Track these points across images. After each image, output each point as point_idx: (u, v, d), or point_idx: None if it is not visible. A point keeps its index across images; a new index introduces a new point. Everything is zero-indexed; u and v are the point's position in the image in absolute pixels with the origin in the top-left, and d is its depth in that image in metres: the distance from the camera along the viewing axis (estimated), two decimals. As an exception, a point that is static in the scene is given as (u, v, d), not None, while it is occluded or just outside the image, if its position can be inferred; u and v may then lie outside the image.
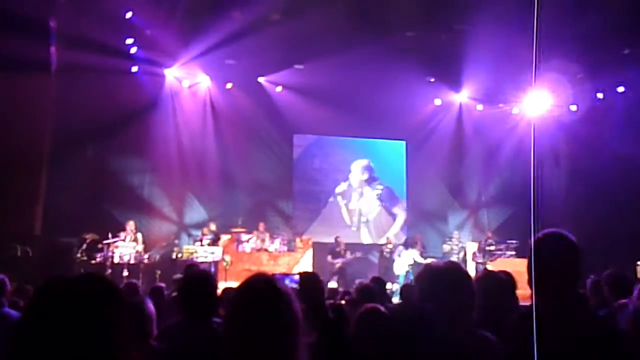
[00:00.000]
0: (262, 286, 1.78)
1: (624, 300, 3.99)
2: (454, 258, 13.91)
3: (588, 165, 14.71)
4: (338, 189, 16.21)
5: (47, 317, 1.35)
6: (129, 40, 13.18)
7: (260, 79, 15.11)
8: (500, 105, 16.40)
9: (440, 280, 2.29)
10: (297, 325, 1.74)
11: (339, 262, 13.68)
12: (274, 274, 1.86)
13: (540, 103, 16.14)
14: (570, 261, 2.31)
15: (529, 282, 2.38)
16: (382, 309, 2.96)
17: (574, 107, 15.82)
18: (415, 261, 13.64)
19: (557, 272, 2.28)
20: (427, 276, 2.34)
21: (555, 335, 2.16)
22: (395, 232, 16.38)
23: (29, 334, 1.34)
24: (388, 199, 16.66)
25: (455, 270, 2.37)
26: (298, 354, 1.71)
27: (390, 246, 14.41)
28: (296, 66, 14.34)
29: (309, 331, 2.09)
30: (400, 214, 16.66)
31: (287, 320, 1.72)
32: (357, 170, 16.53)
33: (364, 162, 16.60)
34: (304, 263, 13.13)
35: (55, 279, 1.44)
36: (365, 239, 16.31)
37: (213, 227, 13.28)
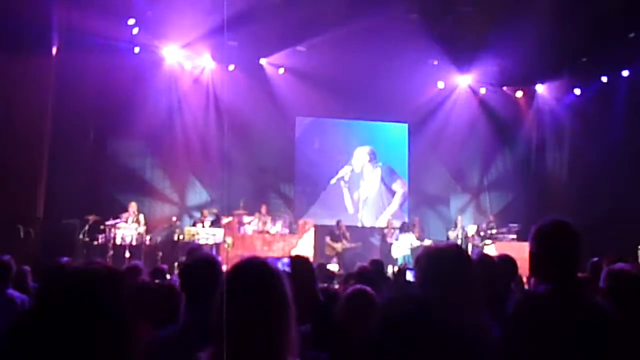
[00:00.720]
0: (253, 267, 1.80)
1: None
2: (458, 242, 13.95)
3: (591, 149, 14.66)
4: (340, 173, 16.17)
5: (53, 309, 1.36)
6: (131, 21, 13.09)
7: (262, 61, 15.04)
8: (504, 88, 16.34)
9: (440, 262, 2.27)
10: (287, 306, 1.75)
11: (338, 246, 13.73)
12: (266, 257, 1.87)
13: (542, 86, 16.13)
14: (572, 249, 2.34)
15: (530, 268, 2.42)
16: (369, 290, 2.93)
17: (577, 91, 15.74)
18: (412, 245, 13.69)
19: (558, 260, 2.31)
20: (425, 258, 2.33)
21: (553, 321, 2.18)
22: (394, 209, 16.38)
23: (35, 326, 1.35)
24: (388, 176, 16.64)
25: (455, 252, 2.36)
26: (289, 335, 1.72)
27: (387, 229, 14.45)
28: (298, 48, 14.26)
29: (302, 316, 2.10)
30: (399, 190, 16.64)
31: (278, 301, 1.73)
32: (360, 155, 16.49)
33: (366, 148, 16.56)
34: (303, 246, 13.11)
35: (60, 270, 1.46)
36: (366, 220, 16.33)
37: (214, 210, 13.33)
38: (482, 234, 14.27)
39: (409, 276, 7.23)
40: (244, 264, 1.83)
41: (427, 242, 13.45)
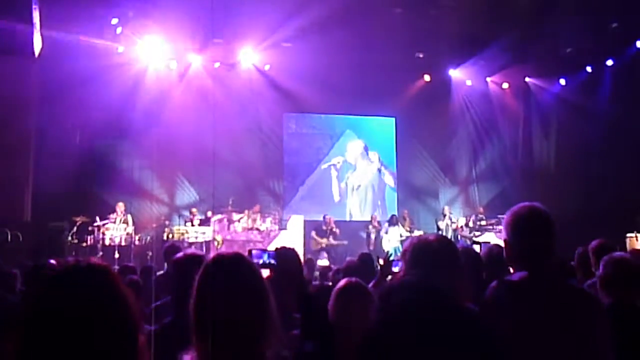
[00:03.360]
0: (225, 263, 1.82)
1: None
2: (449, 234, 14.01)
3: (578, 138, 14.77)
4: (333, 161, 16.25)
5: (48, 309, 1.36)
6: (114, 21, 13.00)
7: (248, 58, 14.97)
8: (491, 80, 16.40)
9: (425, 253, 2.25)
10: (263, 298, 1.77)
11: (322, 242, 13.75)
12: (250, 250, 1.89)
13: (525, 77, 16.22)
14: (544, 234, 2.33)
15: (505, 256, 2.42)
16: (360, 282, 2.94)
17: (563, 81, 15.86)
18: (402, 236, 13.74)
19: (531, 245, 2.31)
20: (411, 249, 2.32)
21: (531, 306, 2.20)
22: (365, 195, 16.52)
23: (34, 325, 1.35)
24: (384, 169, 16.74)
25: (440, 243, 2.35)
26: (268, 326, 1.74)
27: (374, 224, 14.47)
28: (284, 44, 14.21)
29: (289, 306, 2.11)
30: (390, 182, 16.74)
31: (253, 294, 1.75)
32: (354, 149, 16.56)
33: (360, 142, 16.63)
34: (292, 242, 13.06)
35: (52, 270, 1.46)
36: (354, 210, 16.38)
37: (195, 210, 13.36)
38: (471, 225, 14.35)
39: (395, 268, 7.22)
40: (216, 260, 1.86)
41: (417, 234, 13.50)
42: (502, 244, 4.20)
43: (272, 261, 2.40)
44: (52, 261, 5.87)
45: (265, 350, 1.71)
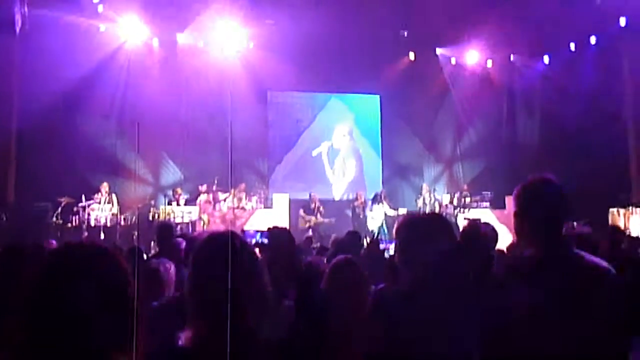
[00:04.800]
0: (217, 242, 1.84)
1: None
2: (427, 211, 14.08)
3: (561, 115, 14.85)
4: (321, 147, 16.29)
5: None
6: (96, -1, 12.84)
7: (231, 36, 14.83)
8: (473, 57, 16.39)
9: (420, 230, 2.27)
10: (256, 276, 1.79)
11: (311, 220, 13.80)
12: (243, 230, 1.91)
13: (509, 55, 16.25)
14: (556, 206, 2.29)
15: (516, 230, 2.36)
16: (353, 260, 2.98)
17: (546, 59, 15.91)
18: (386, 214, 13.80)
19: (543, 218, 2.26)
20: (406, 227, 2.32)
21: (546, 281, 2.17)
22: (349, 180, 16.59)
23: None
24: (349, 153, 16.81)
25: (435, 220, 2.37)
26: (262, 302, 1.76)
27: (357, 202, 14.49)
28: (267, 21, 14.09)
29: (283, 284, 2.13)
30: (351, 167, 16.83)
31: (244, 272, 1.76)
32: (340, 132, 16.59)
33: (346, 127, 16.66)
34: (278, 220, 13.07)
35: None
36: (338, 190, 16.48)
37: (179, 190, 13.31)
38: (455, 203, 14.44)
39: (382, 246, 7.35)
40: (209, 239, 1.88)
41: (402, 211, 13.58)
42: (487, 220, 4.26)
43: (265, 240, 2.42)
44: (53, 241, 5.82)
45: (259, 326, 1.73)
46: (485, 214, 12.57)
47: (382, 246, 7.67)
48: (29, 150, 12.28)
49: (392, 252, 7.31)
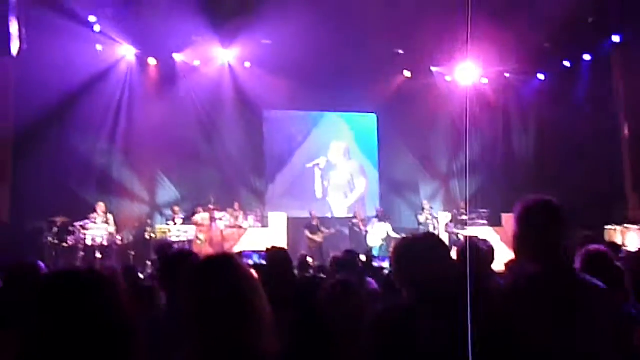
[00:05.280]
0: (217, 264, 1.85)
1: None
2: (430, 228, 14.07)
3: (557, 131, 14.93)
4: (317, 161, 16.26)
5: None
6: (92, 18, 12.89)
7: (228, 55, 14.90)
8: (468, 75, 16.48)
9: (416, 252, 2.29)
10: (255, 297, 1.78)
11: (318, 238, 13.77)
12: (241, 252, 1.92)
13: (504, 72, 16.37)
14: (557, 227, 2.34)
15: (515, 249, 2.42)
16: (351, 280, 2.98)
17: (541, 76, 16.03)
18: (388, 234, 13.78)
19: (544, 239, 2.31)
20: (402, 249, 2.35)
21: (546, 300, 2.20)
22: (350, 202, 16.56)
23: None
24: (356, 172, 16.79)
25: (431, 241, 2.39)
26: (260, 323, 1.75)
27: (356, 220, 14.45)
28: (263, 41, 14.17)
29: (281, 304, 2.12)
30: (360, 188, 16.79)
31: (244, 293, 1.77)
32: (337, 149, 16.62)
33: (343, 144, 16.71)
34: (276, 239, 13.00)
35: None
36: (334, 206, 16.46)
37: (177, 209, 13.25)
38: (456, 221, 14.39)
39: (376, 264, 7.38)
40: (205, 262, 1.90)
41: (404, 235, 13.53)
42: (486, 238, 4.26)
43: (263, 262, 2.42)
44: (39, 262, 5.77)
45: (257, 348, 1.72)
46: (485, 232, 12.53)
47: (375, 264, 7.66)
48: (24, 170, 12.25)
49: (386, 268, 7.32)
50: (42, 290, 1.41)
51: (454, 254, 2.78)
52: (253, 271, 1.94)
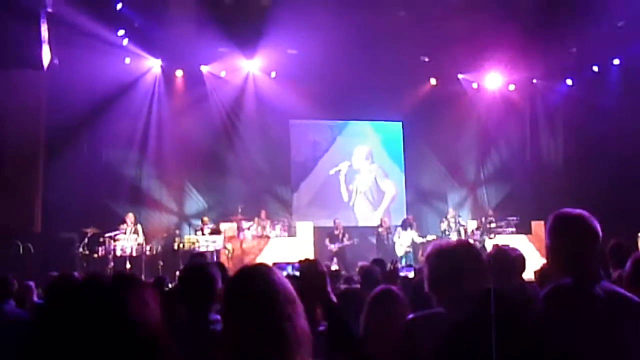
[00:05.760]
0: (251, 276, 1.81)
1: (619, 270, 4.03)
2: (452, 236, 13.93)
3: (586, 136, 14.72)
4: (340, 166, 16.23)
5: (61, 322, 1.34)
6: (120, 32, 13.10)
7: (253, 66, 15.01)
8: (494, 81, 16.35)
9: (450, 259, 2.30)
10: (291, 310, 1.75)
11: (336, 247, 13.71)
12: (274, 263, 1.89)
13: (532, 79, 16.20)
14: (591, 240, 2.33)
15: (548, 261, 2.41)
16: (395, 289, 2.98)
17: (569, 81, 15.83)
18: (413, 241, 13.67)
19: (578, 252, 2.30)
20: (436, 256, 2.35)
21: (580, 312, 2.19)
22: (384, 208, 16.48)
23: (42, 337, 1.33)
24: (380, 176, 16.74)
25: (465, 248, 2.38)
26: (296, 337, 1.72)
27: (382, 229, 14.33)
28: (289, 51, 14.25)
29: (315, 318, 2.10)
30: (388, 191, 16.72)
31: (279, 306, 1.73)
32: (359, 153, 16.58)
33: (366, 148, 16.67)
34: (302, 249, 12.99)
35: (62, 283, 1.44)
36: (359, 211, 16.42)
37: (206, 219, 13.29)
38: (482, 229, 14.23)
39: (403, 273, 7.33)
40: (242, 274, 1.85)
41: (430, 238, 13.44)
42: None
43: (296, 273, 2.40)
44: (76, 273, 5.86)
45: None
46: (514, 240, 12.36)
47: (402, 273, 7.60)
48: (55, 181, 12.47)
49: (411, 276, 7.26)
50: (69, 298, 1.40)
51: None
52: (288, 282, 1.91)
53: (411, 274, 7.50)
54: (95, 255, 11.70)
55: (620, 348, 2.13)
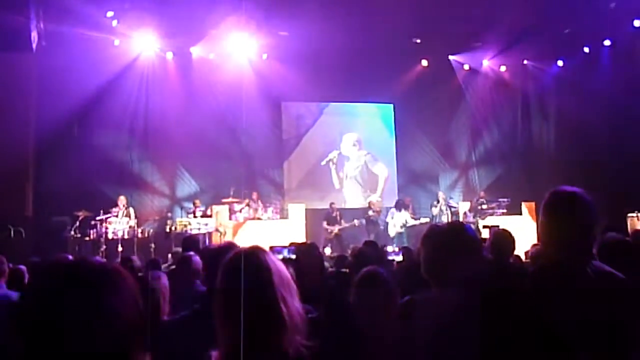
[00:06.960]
0: (246, 258, 1.82)
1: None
2: (444, 219, 14.00)
3: (576, 118, 14.76)
4: (330, 156, 16.21)
5: (48, 301, 1.32)
6: (109, 14, 12.95)
7: (245, 48, 14.91)
8: (486, 63, 16.35)
9: (445, 241, 2.33)
10: (286, 291, 1.76)
11: (335, 229, 13.75)
12: (271, 247, 1.90)
13: (523, 60, 16.20)
14: (584, 218, 2.29)
15: (539, 237, 2.40)
16: (381, 270, 3.00)
17: (560, 62, 15.84)
18: (407, 222, 13.71)
19: (569, 230, 2.28)
20: (431, 237, 2.38)
21: (570, 290, 2.19)
22: (381, 189, 16.59)
23: (30, 318, 1.32)
24: (370, 161, 16.75)
25: (459, 230, 2.41)
26: (292, 318, 1.74)
27: (372, 211, 14.31)
28: (280, 33, 14.16)
29: (310, 299, 2.12)
30: (381, 173, 16.76)
31: (274, 287, 1.75)
32: (348, 141, 16.57)
33: (354, 135, 16.66)
34: (295, 231, 13.00)
35: (53, 264, 1.41)
36: (349, 196, 16.47)
37: (198, 202, 13.28)
38: (474, 210, 14.30)
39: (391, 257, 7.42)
40: (237, 255, 1.85)
41: (423, 220, 13.49)
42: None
43: (292, 256, 2.42)
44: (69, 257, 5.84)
45: (289, 343, 1.72)
46: (505, 221, 12.45)
47: (391, 258, 7.65)
48: (46, 165, 12.42)
49: (398, 259, 7.35)
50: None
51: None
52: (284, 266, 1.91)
53: (399, 258, 7.56)
54: (87, 239, 11.71)
55: (608, 327, 2.13)
